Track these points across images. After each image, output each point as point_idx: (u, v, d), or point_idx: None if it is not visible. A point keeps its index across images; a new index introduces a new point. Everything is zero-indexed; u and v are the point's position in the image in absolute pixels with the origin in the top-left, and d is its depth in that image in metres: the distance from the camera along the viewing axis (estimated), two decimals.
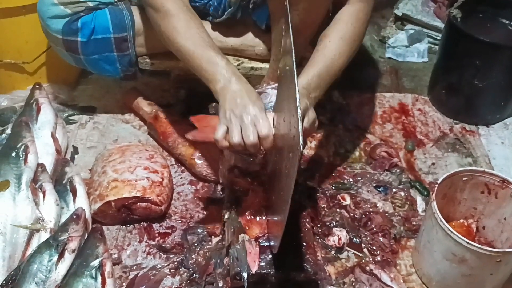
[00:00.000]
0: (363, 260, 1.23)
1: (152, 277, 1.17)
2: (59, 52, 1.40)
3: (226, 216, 1.17)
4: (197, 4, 1.40)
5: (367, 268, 1.20)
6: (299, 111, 0.72)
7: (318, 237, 1.25)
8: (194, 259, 1.19)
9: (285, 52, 0.97)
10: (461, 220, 1.23)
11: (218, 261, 1.15)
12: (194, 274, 1.16)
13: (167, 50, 1.43)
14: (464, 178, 1.18)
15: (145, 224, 1.28)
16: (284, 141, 0.93)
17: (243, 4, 1.34)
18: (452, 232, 1.04)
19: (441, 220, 1.05)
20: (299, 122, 0.71)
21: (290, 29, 0.84)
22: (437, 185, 1.13)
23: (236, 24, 1.41)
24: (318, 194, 1.36)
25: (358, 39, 1.19)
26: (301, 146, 0.70)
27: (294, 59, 0.79)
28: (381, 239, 1.26)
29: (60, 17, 1.32)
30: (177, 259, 1.20)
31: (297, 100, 0.72)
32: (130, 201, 1.23)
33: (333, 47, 1.15)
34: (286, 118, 0.89)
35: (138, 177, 1.27)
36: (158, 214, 1.27)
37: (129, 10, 1.37)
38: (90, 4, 1.33)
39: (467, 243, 1.02)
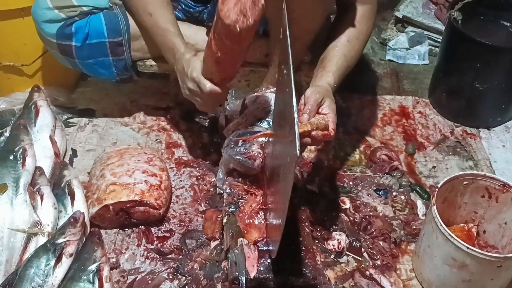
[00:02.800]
0: (363, 265, 1.22)
1: (150, 281, 1.16)
2: (55, 55, 1.40)
3: (224, 220, 1.17)
4: (192, 10, 1.39)
5: (367, 272, 1.19)
6: (295, 115, 0.71)
7: (317, 241, 1.24)
8: (190, 266, 1.18)
9: (282, 56, 0.96)
10: (462, 224, 1.23)
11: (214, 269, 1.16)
12: (189, 283, 1.16)
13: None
14: (465, 182, 1.17)
15: (143, 228, 1.27)
16: (282, 145, 0.92)
17: None
18: (452, 237, 1.03)
19: (441, 225, 1.05)
20: (296, 126, 0.70)
21: (288, 34, 0.84)
22: (437, 189, 1.12)
23: None
24: (317, 198, 1.35)
25: (368, 38, 1.29)
26: (298, 151, 0.69)
27: (291, 64, 0.78)
28: (381, 243, 1.25)
29: (54, 21, 1.31)
30: (173, 265, 1.19)
31: (294, 104, 0.72)
32: (128, 205, 1.22)
33: (351, 46, 1.23)
34: (284, 122, 0.88)
35: (136, 180, 1.26)
36: (157, 218, 1.27)
37: (124, 15, 1.36)
38: (85, 8, 1.32)
39: (468, 248, 1.01)
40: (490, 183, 1.16)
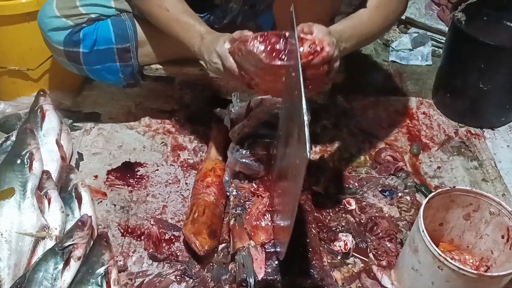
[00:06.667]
0: (369, 266, 1.22)
1: (158, 284, 1.16)
2: (61, 62, 1.40)
3: (231, 222, 1.17)
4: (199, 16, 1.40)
5: (372, 273, 1.20)
6: (305, 118, 0.71)
7: (324, 243, 1.25)
8: (197, 268, 1.19)
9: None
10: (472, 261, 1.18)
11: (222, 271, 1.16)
12: (196, 285, 1.16)
13: (170, 59, 1.43)
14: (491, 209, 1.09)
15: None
16: (290, 147, 0.92)
17: (245, 9, 1.34)
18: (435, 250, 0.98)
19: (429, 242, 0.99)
20: (306, 129, 0.70)
21: (296, 36, 0.84)
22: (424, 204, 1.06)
23: (238, 29, 1.41)
24: (323, 199, 1.35)
25: (393, 14, 1.24)
26: (308, 153, 0.69)
27: (300, 66, 0.79)
28: (387, 244, 1.26)
29: (61, 29, 1.31)
30: (181, 268, 1.20)
31: (304, 107, 0.72)
32: None
33: (367, 12, 1.18)
34: (292, 125, 0.89)
35: None
36: None
37: (131, 21, 1.36)
38: (92, 15, 1.32)
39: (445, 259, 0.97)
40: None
